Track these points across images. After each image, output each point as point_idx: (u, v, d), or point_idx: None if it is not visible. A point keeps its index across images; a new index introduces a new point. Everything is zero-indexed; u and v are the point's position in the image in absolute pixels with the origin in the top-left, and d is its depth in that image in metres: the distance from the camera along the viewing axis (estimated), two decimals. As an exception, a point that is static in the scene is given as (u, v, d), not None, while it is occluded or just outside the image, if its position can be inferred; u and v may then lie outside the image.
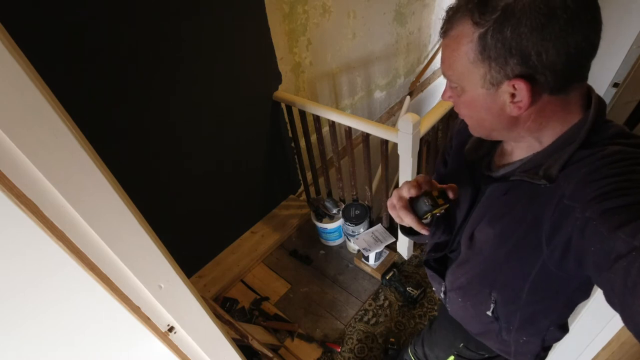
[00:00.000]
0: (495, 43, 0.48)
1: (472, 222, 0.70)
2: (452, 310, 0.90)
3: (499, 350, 0.85)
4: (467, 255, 0.75)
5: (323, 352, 1.70)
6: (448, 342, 1.02)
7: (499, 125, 0.57)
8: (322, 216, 2.03)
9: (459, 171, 0.75)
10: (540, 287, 0.65)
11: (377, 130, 1.56)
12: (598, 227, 0.46)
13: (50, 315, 0.55)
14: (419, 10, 2.79)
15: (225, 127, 1.74)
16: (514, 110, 0.52)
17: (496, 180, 0.66)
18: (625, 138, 0.52)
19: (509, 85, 0.50)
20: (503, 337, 0.79)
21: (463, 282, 0.79)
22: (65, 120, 0.41)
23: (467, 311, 0.84)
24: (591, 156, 0.51)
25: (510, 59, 0.48)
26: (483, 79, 0.52)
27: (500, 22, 0.47)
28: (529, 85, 0.49)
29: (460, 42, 0.51)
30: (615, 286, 0.43)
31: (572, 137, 0.54)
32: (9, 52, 0.35)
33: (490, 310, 0.76)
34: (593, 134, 0.53)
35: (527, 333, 0.76)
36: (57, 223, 0.45)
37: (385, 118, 3.01)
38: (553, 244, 0.55)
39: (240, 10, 1.54)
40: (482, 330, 0.84)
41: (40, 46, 1.07)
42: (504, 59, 0.48)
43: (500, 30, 0.47)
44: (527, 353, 0.80)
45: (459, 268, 0.80)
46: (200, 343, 0.76)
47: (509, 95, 0.51)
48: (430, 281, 0.95)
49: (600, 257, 0.45)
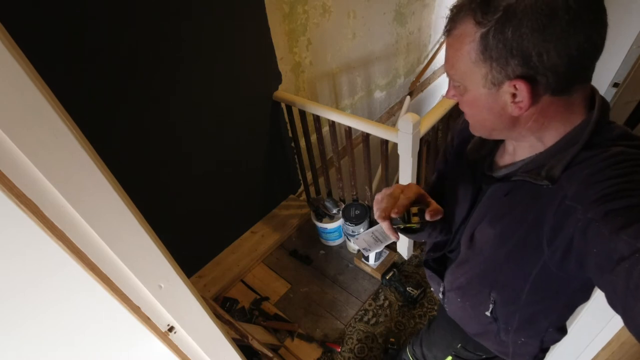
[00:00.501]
0: (496, 43, 0.48)
1: (473, 222, 0.70)
2: (451, 311, 0.90)
3: (497, 352, 0.85)
4: (467, 255, 0.75)
5: (323, 352, 1.70)
6: (446, 342, 1.02)
7: (500, 125, 0.57)
8: (322, 216, 2.03)
9: (460, 170, 0.74)
10: (540, 288, 0.65)
11: (377, 130, 1.56)
12: (600, 229, 0.45)
13: (50, 315, 0.55)
14: (419, 10, 2.79)
15: (225, 127, 1.74)
16: (515, 110, 0.52)
17: (498, 180, 0.65)
18: (628, 140, 0.52)
19: (510, 85, 0.50)
20: (501, 338, 0.79)
21: (462, 282, 0.79)
22: (65, 120, 0.41)
23: (465, 311, 0.84)
24: (594, 157, 0.51)
25: (512, 60, 0.48)
26: (485, 79, 0.52)
27: (502, 23, 0.46)
28: (529, 86, 0.49)
29: (462, 42, 0.51)
30: (617, 288, 0.43)
31: (575, 138, 0.54)
32: (9, 52, 0.35)
33: (489, 311, 0.76)
34: (596, 135, 0.53)
35: (525, 334, 0.76)
36: (57, 223, 0.45)
37: (385, 118, 3.01)
38: (554, 245, 0.54)
39: (240, 10, 1.54)
40: (481, 331, 0.84)
41: (40, 46, 1.07)
42: (505, 60, 0.48)
43: (501, 30, 0.47)
44: (525, 354, 0.79)
45: (458, 268, 0.79)
46: (200, 343, 0.76)
47: (510, 95, 0.51)
48: (429, 281, 0.95)
49: (602, 259, 0.45)
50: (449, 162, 0.80)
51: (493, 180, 0.67)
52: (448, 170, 0.80)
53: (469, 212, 0.73)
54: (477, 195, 0.71)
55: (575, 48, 0.46)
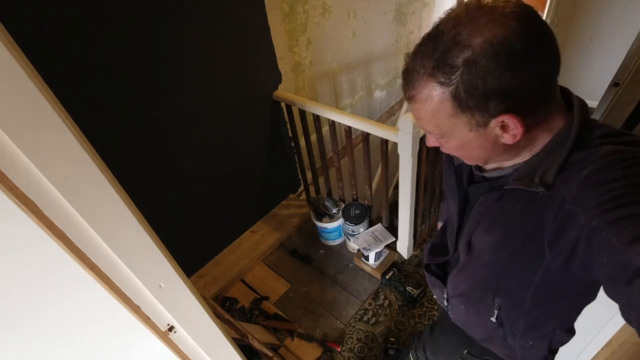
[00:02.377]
0: (469, 95, 0.49)
1: (468, 229, 0.70)
2: (455, 318, 0.89)
3: (504, 356, 0.84)
4: (467, 261, 0.75)
5: (323, 352, 1.70)
6: (451, 348, 1.01)
7: (494, 154, 0.58)
8: (322, 216, 2.03)
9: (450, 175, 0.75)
10: (544, 291, 0.65)
11: (377, 130, 1.56)
12: (608, 238, 0.45)
13: (50, 315, 0.55)
14: (419, 9, 2.79)
15: (225, 126, 1.74)
16: (509, 139, 0.53)
17: (486, 180, 0.66)
18: (616, 136, 0.53)
19: (497, 121, 0.51)
20: (508, 342, 0.78)
21: (465, 288, 0.79)
22: (66, 120, 0.41)
23: (470, 318, 0.83)
24: (587, 157, 0.51)
25: (490, 102, 0.49)
26: (469, 125, 0.53)
27: (466, 76, 0.47)
28: (517, 117, 0.50)
29: (432, 103, 0.52)
30: (633, 301, 0.43)
31: (561, 141, 0.54)
32: (8, 52, 0.35)
33: (494, 317, 0.75)
34: (583, 135, 0.53)
35: (532, 337, 0.75)
36: (57, 222, 0.45)
37: (385, 117, 3.01)
38: (556, 249, 0.54)
39: (240, 10, 1.53)
40: (487, 336, 0.83)
41: (40, 46, 1.07)
42: (484, 104, 0.49)
43: (469, 81, 0.48)
44: (533, 357, 0.78)
45: (459, 274, 0.79)
46: (200, 342, 0.76)
47: (500, 127, 0.52)
48: (431, 288, 0.94)
49: (615, 271, 0.45)
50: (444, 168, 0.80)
51: (481, 179, 0.68)
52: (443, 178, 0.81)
53: (460, 216, 0.74)
54: (465, 200, 0.72)
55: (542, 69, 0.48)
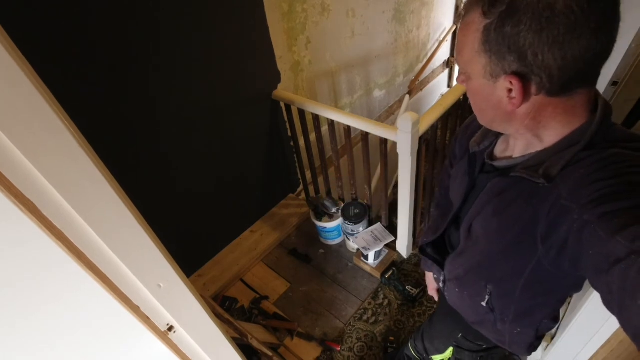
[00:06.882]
0: (496, 37, 0.49)
1: (471, 214, 0.72)
2: (450, 299, 0.93)
3: (495, 340, 0.88)
4: (466, 245, 0.78)
5: (323, 351, 1.70)
6: (447, 333, 1.04)
7: (497, 118, 0.59)
8: (322, 215, 2.03)
9: (461, 163, 0.78)
10: (534, 284, 0.67)
11: (377, 129, 1.56)
12: (596, 231, 0.46)
13: (49, 315, 0.55)
14: (418, 9, 2.79)
15: (224, 125, 1.74)
16: (509, 105, 0.54)
17: (496, 171, 0.67)
18: (627, 142, 0.53)
19: (506, 80, 0.51)
20: (498, 328, 0.82)
21: (460, 273, 0.82)
22: (64, 119, 0.41)
23: (464, 301, 0.87)
24: (589, 158, 0.52)
25: (508, 55, 0.49)
26: (484, 70, 0.53)
27: (504, 17, 0.47)
28: (521, 83, 0.50)
29: (469, 30, 0.52)
30: (613, 289, 0.43)
31: (576, 139, 0.54)
32: (7, 52, 0.35)
33: (485, 302, 0.78)
34: (596, 137, 0.53)
35: (521, 325, 0.79)
36: (55, 222, 0.45)
37: (384, 117, 3.01)
38: (549, 243, 0.55)
39: (239, 9, 1.53)
40: (478, 320, 0.87)
41: (39, 45, 1.07)
42: (503, 54, 0.49)
43: (502, 25, 0.47)
44: (521, 343, 0.82)
45: (457, 258, 0.82)
46: (200, 342, 0.76)
47: (507, 90, 0.52)
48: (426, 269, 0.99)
49: (598, 261, 0.46)
50: (457, 154, 0.83)
51: (491, 169, 0.69)
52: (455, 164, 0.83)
53: (463, 202, 0.76)
54: (472, 186, 0.74)
55: (572, 53, 0.46)
